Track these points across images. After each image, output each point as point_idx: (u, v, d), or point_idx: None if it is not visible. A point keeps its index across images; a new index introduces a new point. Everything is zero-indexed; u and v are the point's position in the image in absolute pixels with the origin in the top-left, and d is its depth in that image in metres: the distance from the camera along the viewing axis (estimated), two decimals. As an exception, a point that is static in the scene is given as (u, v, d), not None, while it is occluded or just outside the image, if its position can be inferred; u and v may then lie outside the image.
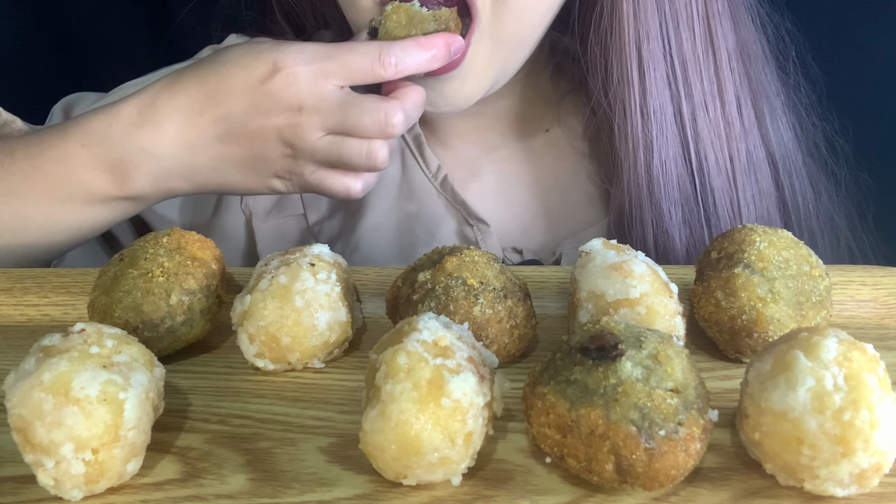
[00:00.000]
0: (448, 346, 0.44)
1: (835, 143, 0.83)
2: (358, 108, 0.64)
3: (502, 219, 0.83)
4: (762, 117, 0.78)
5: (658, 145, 0.74)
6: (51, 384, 0.42)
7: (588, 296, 0.53)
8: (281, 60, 0.63)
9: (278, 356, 0.52)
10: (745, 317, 0.52)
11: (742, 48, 0.77)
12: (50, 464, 0.42)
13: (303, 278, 0.52)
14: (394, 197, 0.82)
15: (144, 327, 0.53)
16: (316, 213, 0.82)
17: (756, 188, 0.78)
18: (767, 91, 0.79)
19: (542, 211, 0.83)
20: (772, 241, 0.55)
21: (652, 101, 0.74)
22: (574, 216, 0.83)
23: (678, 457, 0.41)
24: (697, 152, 0.75)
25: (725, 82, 0.76)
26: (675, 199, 0.75)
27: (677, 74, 0.74)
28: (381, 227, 0.81)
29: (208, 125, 0.65)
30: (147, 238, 0.58)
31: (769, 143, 0.79)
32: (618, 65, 0.74)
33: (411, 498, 0.44)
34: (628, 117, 0.74)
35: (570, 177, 0.84)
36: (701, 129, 0.75)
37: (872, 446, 0.40)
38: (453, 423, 0.42)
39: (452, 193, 0.81)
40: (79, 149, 0.65)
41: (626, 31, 0.73)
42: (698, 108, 0.75)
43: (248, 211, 0.81)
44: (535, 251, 0.82)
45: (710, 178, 0.76)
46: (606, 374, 0.42)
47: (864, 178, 0.85)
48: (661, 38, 0.73)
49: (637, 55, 0.73)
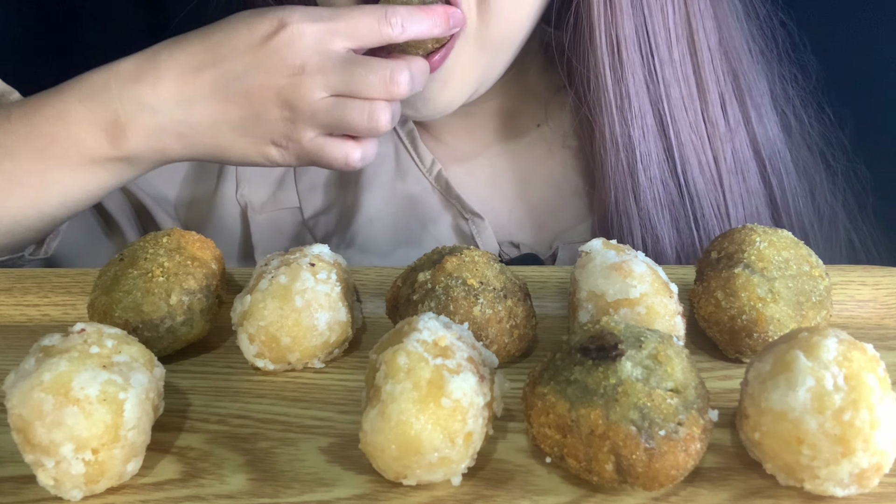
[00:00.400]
0: (448, 346, 0.44)
1: (833, 135, 0.83)
2: (363, 66, 0.63)
3: (497, 213, 0.83)
4: (748, 115, 0.78)
5: (640, 148, 0.74)
6: (51, 384, 0.42)
7: (588, 296, 0.53)
8: (287, 17, 0.63)
9: (278, 356, 0.52)
10: (745, 317, 0.52)
11: (727, 46, 0.77)
12: (50, 464, 0.42)
13: (303, 278, 0.52)
14: (388, 191, 0.82)
15: (144, 327, 0.53)
16: (311, 207, 0.82)
17: (744, 187, 0.78)
18: (755, 88, 0.78)
19: (536, 205, 0.83)
20: (772, 241, 0.55)
21: (630, 103, 0.73)
22: (568, 210, 0.83)
23: (678, 457, 0.41)
24: (680, 155, 0.75)
25: (707, 82, 0.75)
26: (661, 202, 0.75)
27: (656, 77, 0.74)
28: (377, 221, 0.81)
29: (206, 81, 0.64)
30: (147, 238, 0.58)
31: (756, 142, 0.78)
32: (593, 67, 0.73)
33: (411, 498, 0.44)
34: (607, 120, 0.74)
35: (562, 172, 0.84)
36: (682, 131, 0.75)
37: (872, 446, 0.40)
38: (453, 423, 0.42)
39: (447, 187, 0.81)
40: (76, 105, 0.65)
41: (599, 34, 0.72)
42: (678, 110, 0.75)
43: (243, 202, 0.81)
44: (531, 245, 0.82)
45: (694, 179, 0.75)
46: (606, 374, 0.42)
47: (862, 170, 0.84)
48: (638, 40, 0.73)
49: (611, 58, 0.73)
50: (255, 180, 0.82)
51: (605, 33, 0.72)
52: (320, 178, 0.83)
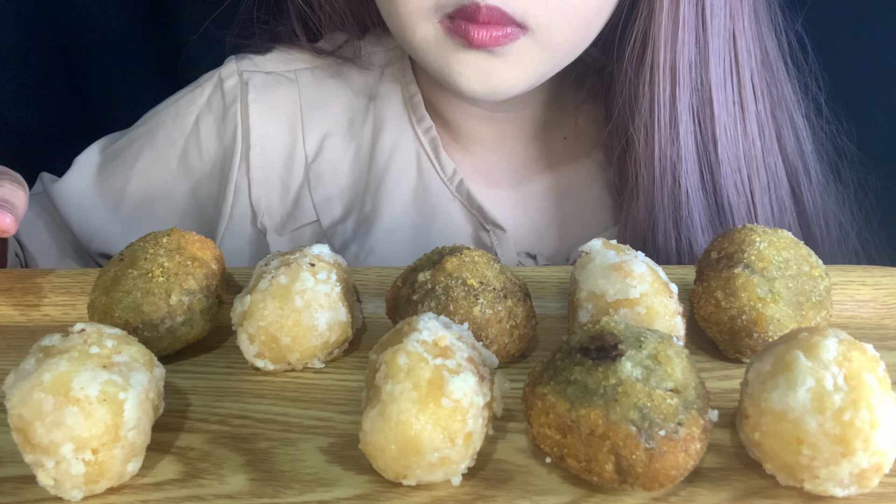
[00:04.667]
0: (448, 346, 0.44)
1: (841, 145, 0.83)
2: None
3: (518, 224, 0.82)
4: (781, 131, 0.78)
5: (682, 168, 0.74)
6: (51, 384, 0.42)
7: (588, 296, 0.53)
8: None
9: (278, 356, 0.52)
10: (745, 317, 0.52)
11: (765, 63, 0.76)
12: (50, 464, 0.42)
13: (303, 278, 0.52)
14: (409, 200, 0.81)
15: (144, 327, 0.53)
16: (328, 218, 0.81)
17: (775, 206, 0.77)
18: (787, 103, 0.78)
19: (557, 217, 0.83)
20: (772, 241, 0.55)
21: (678, 124, 0.73)
22: (589, 223, 0.82)
23: (678, 457, 0.41)
24: (716, 177, 0.75)
25: (747, 101, 0.75)
26: (701, 222, 0.75)
27: (702, 98, 0.73)
28: (397, 231, 0.81)
29: None
30: (147, 238, 0.58)
31: (787, 158, 0.78)
32: (650, 88, 0.73)
33: (411, 498, 0.44)
34: (657, 141, 0.73)
35: (586, 184, 0.83)
36: (721, 152, 0.74)
37: (872, 446, 0.40)
38: (453, 423, 0.42)
39: (468, 198, 0.80)
40: None
41: (662, 56, 0.72)
42: (720, 130, 0.74)
43: (263, 228, 0.81)
44: (549, 256, 0.81)
45: (730, 199, 0.75)
46: (606, 375, 0.42)
47: (869, 180, 0.84)
48: (690, 59, 0.72)
49: (671, 80, 0.72)
50: (272, 205, 0.81)
51: (669, 52, 0.72)
52: (335, 188, 0.82)
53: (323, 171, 0.80)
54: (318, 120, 0.81)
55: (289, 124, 0.81)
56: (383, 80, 0.83)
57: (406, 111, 0.81)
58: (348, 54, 0.83)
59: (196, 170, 0.81)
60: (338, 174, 0.81)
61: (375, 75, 0.83)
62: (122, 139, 0.83)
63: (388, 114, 0.81)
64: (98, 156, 0.83)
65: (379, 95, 0.82)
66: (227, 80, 0.81)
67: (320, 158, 0.80)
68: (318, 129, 0.81)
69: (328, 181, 0.81)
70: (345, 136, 0.81)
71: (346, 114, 0.82)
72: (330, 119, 0.82)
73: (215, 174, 0.81)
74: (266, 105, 0.80)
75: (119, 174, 0.81)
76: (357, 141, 0.81)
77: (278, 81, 0.82)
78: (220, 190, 0.81)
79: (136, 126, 0.84)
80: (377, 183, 0.81)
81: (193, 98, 0.82)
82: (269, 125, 0.80)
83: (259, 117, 0.80)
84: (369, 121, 0.82)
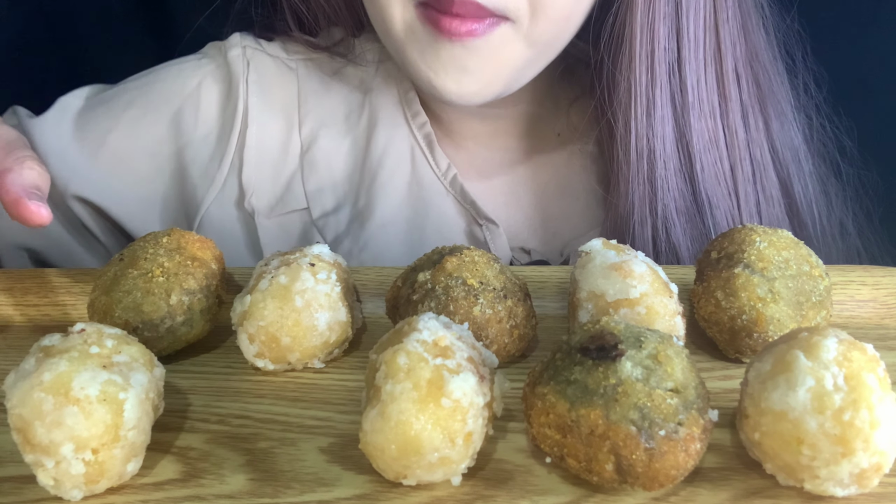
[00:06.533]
0: (448, 346, 0.44)
1: (842, 143, 0.83)
2: None
3: (512, 219, 0.82)
4: (770, 124, 0.78)
5: (660, 157, 0.74)
6: (51, 384, 0.42)
7: (588, 296, 0.53)
8: None
9: (278, 356, 0.52)
10: (745, 317, 0.52)
11: (752, 54, 0.76)
12: (50, 464, 0.42)
13: (303, 278, 0.52)
14: (403, 195, 0.82)
15: (144, 327, 0.53)
16: (319, 208, 0.81)
17: (762, 196, 0.77)
18: (778, 96, 0.78)
19: (551, 212, 0.83)
20: (772, 241, 0.55)
21: (655, 112, 0.73)
22: (583, 217, 0.83)
23: (678, 457, 0.41)
24: (696, 163, 0.75)
25: (730, 91, 0.75)
26: (677, 211, 0.75)
27: (681, 86, 0.73)
28: (390, 225, 0.81)
29: None
30: (147, 238, 0.58)
31: (777, 150, 0.78)
32: (627, 75, 0.73)
33: (411, 498, 0.44)
34: (633, 128, 0.73)
35: (579, 179, 0.84)
36: (700, 140, 0.74)
37: (872, 446, 0.40)
38: (453, 423, 0.42)
39: (462, 193, 0.81)
40: None
41: (638, 43, 0.72)
42: (696, 118, 0.74)
43: (251, 208, 0.81)
44: (543, 251, 0.82)
45: (708, 189, 0.75)
46: (606, 374, 0.42)
47: (870, 178, 0.84)
48: (669, 49, 0.73)
49: (648, 68, 0.72)
50: (263, 187, 0.81)
51: (646, 40, 0.72)
52: (328, 178, 0.82)
53: (317, 162, 0.81)
54: (313, 110, 0.82)
55: (285, 111, 0.81)
56: (378, 76, 0.83)
57: (401, 107, 0.82)
58: (343, 51, 0.84)
59: (186, 133, 0.80)
60: (332, 166, 0.81)
61: (371, 71, 0.84)
62: (113, 89, 0.83)
63: (383, 109, 0.82)
64: (83, 101, 0.82)
65: (374, 91, 0.82)
66: (231, 50, 0.82)
67: (315, 148, 0.81)
68: (313, 119, 0.82)
69: (322, 172, 0.82)
70: (340, 130, 0.82)
71: (342, 108, 0.82)
72: (326, 111, 0.82)
73: (208, 142, 0.81)
74: (265, 87, 0.81)
75: (104, 120, 0.80)
76: (352, 135, 0.82)
77: (278, 67, 0.83)
78: (206, 159, 0.81)
79: (130, 79, 0.84)
80: (371, 178, 0.81)
81: (199, 64, 0.82)
82: (266, 108, 0.81)
83: (258, 98, 0.80)
84: (364, 116, 0.82)
